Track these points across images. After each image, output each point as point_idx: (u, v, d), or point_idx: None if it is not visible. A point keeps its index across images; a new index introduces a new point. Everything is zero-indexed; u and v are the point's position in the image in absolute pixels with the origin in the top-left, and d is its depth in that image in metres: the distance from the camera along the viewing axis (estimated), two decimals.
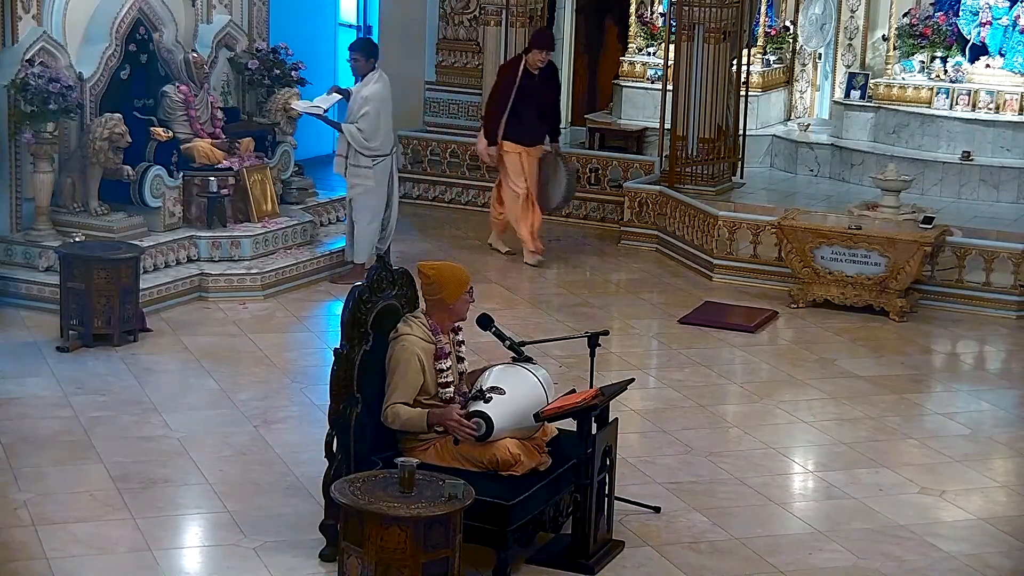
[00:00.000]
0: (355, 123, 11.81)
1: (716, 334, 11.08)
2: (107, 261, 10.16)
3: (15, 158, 11.15)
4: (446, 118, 15.75)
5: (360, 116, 11.82)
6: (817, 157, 15.23)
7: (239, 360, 10.05)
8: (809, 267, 11.84)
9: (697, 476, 8.30)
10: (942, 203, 13.79)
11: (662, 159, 14.13)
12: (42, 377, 9.51)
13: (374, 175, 11.91)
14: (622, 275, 12.88)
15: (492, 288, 11.84)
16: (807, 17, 15.68)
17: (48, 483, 7.85)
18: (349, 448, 6.87)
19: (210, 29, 12.67)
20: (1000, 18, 15.03)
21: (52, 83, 10.80)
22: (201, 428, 8.76)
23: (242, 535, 7.33)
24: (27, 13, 11.18)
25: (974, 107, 14.85)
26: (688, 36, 13.75)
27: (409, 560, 6.20)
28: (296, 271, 11.82)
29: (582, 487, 7.00)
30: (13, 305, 10.79)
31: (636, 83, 15.95)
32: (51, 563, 6.93)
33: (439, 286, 7.06)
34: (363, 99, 11.87)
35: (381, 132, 11.94)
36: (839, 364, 10.49)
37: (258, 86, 12.90)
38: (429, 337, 6.99)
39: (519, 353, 7.31)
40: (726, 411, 9.62)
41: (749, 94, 14.77)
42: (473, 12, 15.56)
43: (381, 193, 12.06)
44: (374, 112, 11.84)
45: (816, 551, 7.46)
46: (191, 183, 11.72)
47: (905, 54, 15.47)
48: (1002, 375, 10.79)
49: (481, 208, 14.66)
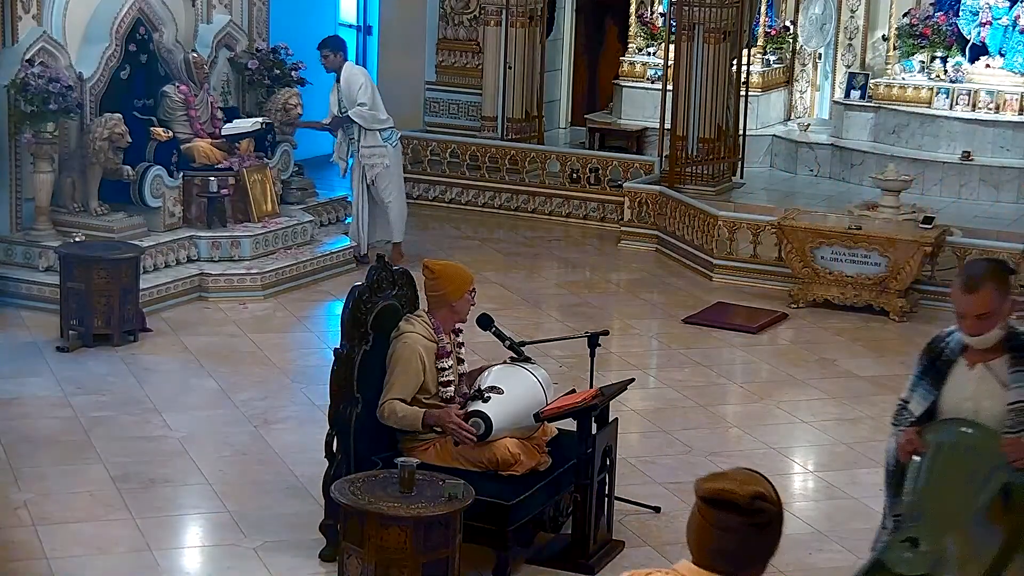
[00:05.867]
0: (357, 103, 12.03)
1: (716, 334, 11.08)
2: (107, 261, 10.16)
3: (15, 158, 11.15)
4: (446, 118, 15.77)
5: (358, 91, 12.11)
6: (817, 157, 15.23)
7: (239, 360, 10.05)
8: (809, 267, 11.84)
9: (697, 476, 8.28)
10: (942, 203, 13.79)
11: (662, 159, 14.14)
12: (42, 377, 9.51)
13: (388, 152, 12.25)
14: (622, 275, 12.88)
15: (492, 288, 11.84)
16: (807, 17, 15.68)
17: (48, 483, 7.85)
18: (349, 448, 6.87)
19: (210, 29, 12.67)
20: (1000, 18, 15.03)
21: (52, 83, 10.80)
22: (201, 428, 8.77)
23: (242, 535, 7.33)
24: (27, 13, 11.18)
25: (974, 107, 14.85)
26: (688, 36, 13.75)
27: (409, 560, 6.20)
28: (296, 271, 11.83)
29: (582, 487, 7.00)
30: (13, 305, 10.79)
31: (636, 83, 15.96)
32: (51, 563, 6.94)
33: (443, 283, 7.06)
34: (351, 78, 12.20)
35: (381, 104, 12.27)
36: (839, 364, 10.49)
37: (258, 86, 12.90)
38: (431, 335, 6.99)
39: (519, 353, 7.31)
40: (726, 411, 9.62)
41: (749, 94, 14.77)
42: (473, 12, 15.57)
43: (399, 172, 12.52)
44: (368, 85, 12.20)
45: (816, 551, 7.46)
46: (191, 183, 11.72)
47: (905, 54, 15.47)
48: None
49: (481, 208, 14.67)
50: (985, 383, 5.25)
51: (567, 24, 16.53)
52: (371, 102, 12.15)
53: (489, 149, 14.81)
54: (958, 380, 5.31)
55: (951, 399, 5.31)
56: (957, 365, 5.33)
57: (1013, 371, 5.22)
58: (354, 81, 12.15)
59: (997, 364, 5.25)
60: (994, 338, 5.22)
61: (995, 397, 5.22)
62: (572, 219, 14.41)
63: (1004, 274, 5.31)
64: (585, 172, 14.45)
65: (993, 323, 5.19)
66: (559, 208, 14.45)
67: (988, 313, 5.18)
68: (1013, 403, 5.19)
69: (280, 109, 12.67)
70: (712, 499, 3.33)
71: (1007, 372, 5.22)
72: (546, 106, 15.73)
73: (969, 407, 5.26)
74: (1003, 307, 5.22)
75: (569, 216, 14.42)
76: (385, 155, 12.25)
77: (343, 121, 12.27)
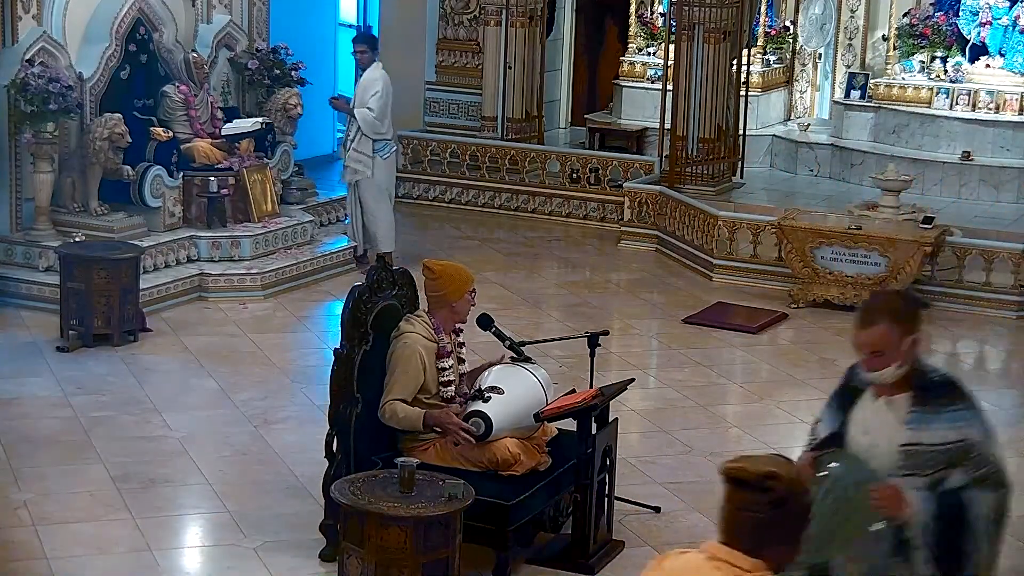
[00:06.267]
0: (366, 106, 11.94)
1: (716, 334, 11.08)
2: (107, 261, 10.16)
3: (15, 158, 11.15)
4: (446, 118, 15.77)
5: (371, 97, 11.97)
6: (817, 157, 15.24)
7: (239, 360, 10.05)
8: (809, 267, 11.84)
9: (697, 476, 8.30)
10: (942, 203, 13.79)
11: (662, 159, 14.14)
12: (42, 377, 9.51)
13: (375, 164, 12.08)
14: (622, 275, 12.88)
15: (492, 288, 11.84)
16: (807, 17, 15.69)
17: (48, 483, 7.85)
18: (349, 448, 6.87)
19: (210, 29, 12.67)
20: (1000, 18, 15.04)
21: (52, 83, 10.80)
22: (201, 428, 8.76)
23: (242, 535, 7.33)
24: (27, 13, 11.18)
25: (974, 107, 14.86)
26: (688, 36, 13.75)
27: (409, 560, 6.19)
28: (296, 271, 11.82)
29: (582, 487, 7.00)
30: (13, 305, 10.78)
31: (636, 83, 15.96)
32: (51, 563, 6.93)
33: (443, 283, 7.06)
34: (371, 81, 12.08)
35: (389, 117, 12.13)
36: (839, 364, 10.44)
37: (258, 86, 12.90)
38: (431, 335, 6.98)
39: (519, 353, 7.31)
40: (726, 411, 9.62)
41: (749, 94, 14.77)
42: (473, 12, 15.57)
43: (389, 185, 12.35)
44: (384, 93, 12.05)
45: None
46: (191, 183, 11.72)
47: (905, 54, 15.47)
48: (1002, 375, 10.79)
49: (481, 208, 14.67)
50: (884, 418, 4.83)
51: (567, 24, 16.53)
52: (380, 111, 12.06)
53: (489, 149, 14.81)
54: (863, 410, 4.91)
55: (853, 429, 4.91)
56: (865, 394, 4.91)
57: (912, 411, 4.79)
58: (371, 86, 12.03)
59: (900, 401, 4.82)
60: (891, 376, 4.76)
61: (891, 434, 4.79)
62: (572, 219, 14.41)
63: (907, 310, 4.83)
64: (585, 172, 14.45)
65: (888, 361, 4.74)
66: (559, 208, 14.45)
67: (881, 351, 4.73)
68: (905, 444, 4.76)
69: (280, 109, 12.67)
70: (727, 477, 3.56)
71: (906, 410, 4.80)
72: (546, 106, 15.74)
73: (866, 441, 4.86)
74: (902, 345, 4.73)
75: (569, 216, 14.42)
76: (370, 166, 12.11)
77: (347, 110, 12.21)
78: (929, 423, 4.76)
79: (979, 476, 4.76)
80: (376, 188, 12.20)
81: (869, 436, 4.85)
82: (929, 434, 4.75)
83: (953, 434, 4.75)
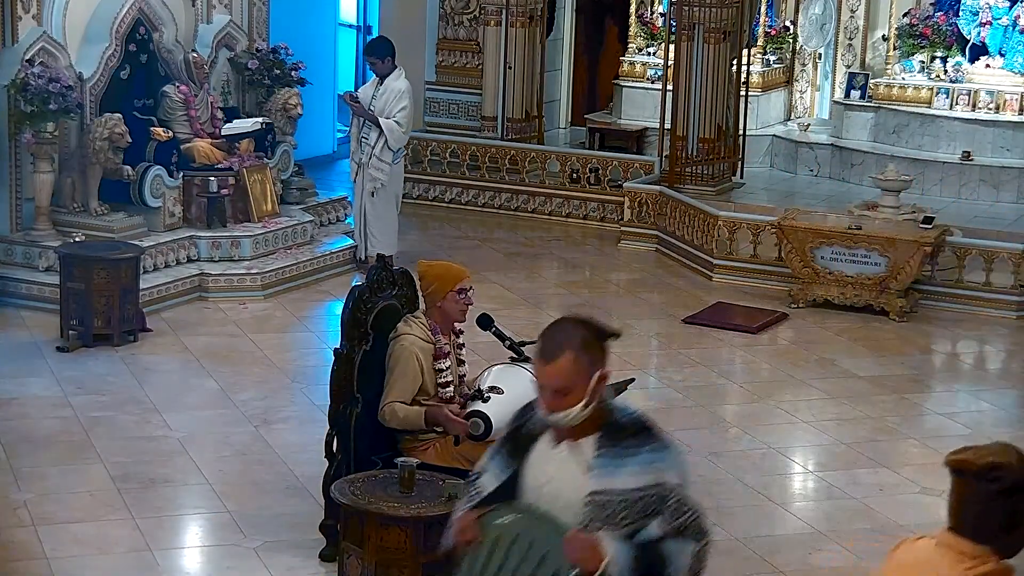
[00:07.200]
0: (393, 117, 11.87)
1: (716, 334, 11.08)
2: (107, 261, 10.16)
3: (15, 158, 11.15)
4: (446, 118, 15.76)
5: (399, 111, 11.91)
6: (817, 157, 15.24)
7: (239, 360, 10.05)
8: (809, 267, 11.84)
9: (697, 476, 8.28)
10: (942, 203, 13.80)
11: (662, 159, 14.13)
12: (42, 377, 9.51)
13: (391, 171, 12.07)
14: (622, 275, 12.88)
15: (492, 288, 11.84)
16: (807, 17, 15.69)
17: (48, 483, 7.85)
18: (349, 448, 6.87)
19: (210, 29, 12.67)
20: (1000, 18, 15.04)
21: (52, 83, 10.80)
22: (201, 428, 8.77)
23: (242, 535, 7.33)
24: (27, 13, 11.18)
25: (974, 107, 14.86)
26: (688, 36, 13.75)
27: (409, 560, 6.20)
28: (296, 271, 11.82)
29: None
30: (13, 305, 10.78)
31: (636, 83, 15.96)
32: (51, 563, 6.94)
33: (427, 283, 7.05)
34: (399, 92, 11.98)
35: (411, 128, 12.20)
36: (839, 364, 10.48)
37: (258, 86, 12.90)
38: (429, 337, 6.98)
39: (519, 353, 7.30)
40: (726, 411, 9.62)
41: (749, 94, 14.77)
42: (473, 12, 15.56)
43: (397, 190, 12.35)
44: (411, 107, 12.05)
45: (816, 551, 7.46)
46: (191, 183, 11.72)
47: (905, 54, 15.47)
48: (1002, 375, 10.79)
49: (481, 208, 14.67)
50: (567, 466, 4.22)
51: (567, 24, 16.53)
52: (407, 126, 12.05)
53: (489, 149, 14.80)
54: (539, 458, 4.30)
55: (530, 479, 4.29)
56: (541, 439, 4.31)
57: (599, 454, 4.19)
58: (399, 99, 11.89)
59: (586, 444, 4.21)
60: (576, 417, 4.18)
61: (577, 483, 4.18)
62: (572, 219, 14.41)
63: (594, 340, 4.28)
64: (585, 172, 14.44)
65: (574, 400, 4.17)
66: (559, 208, 14.45)
67: (567, 389, 4.16)
68: (593, 492, 4.15)
69: (280, 109, 12.66)
70: (952, 468, 3.64)
71: (592, 454, 4.20)
72: (546, 106, 15.73)
73: (549, 491, 4.23)
74: (589, 379, 4.19)
75: (569, 216, 14.42)
76: (388, 173, 12.11)
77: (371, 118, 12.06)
78: (620, 467, 4.17)
79: (678, 525, 4.19)
80: (388, 194, 12.20)
81: (551, 486, 4.25)
82: (622, 480, 4.16)
83: (648, 477, 4.17)
